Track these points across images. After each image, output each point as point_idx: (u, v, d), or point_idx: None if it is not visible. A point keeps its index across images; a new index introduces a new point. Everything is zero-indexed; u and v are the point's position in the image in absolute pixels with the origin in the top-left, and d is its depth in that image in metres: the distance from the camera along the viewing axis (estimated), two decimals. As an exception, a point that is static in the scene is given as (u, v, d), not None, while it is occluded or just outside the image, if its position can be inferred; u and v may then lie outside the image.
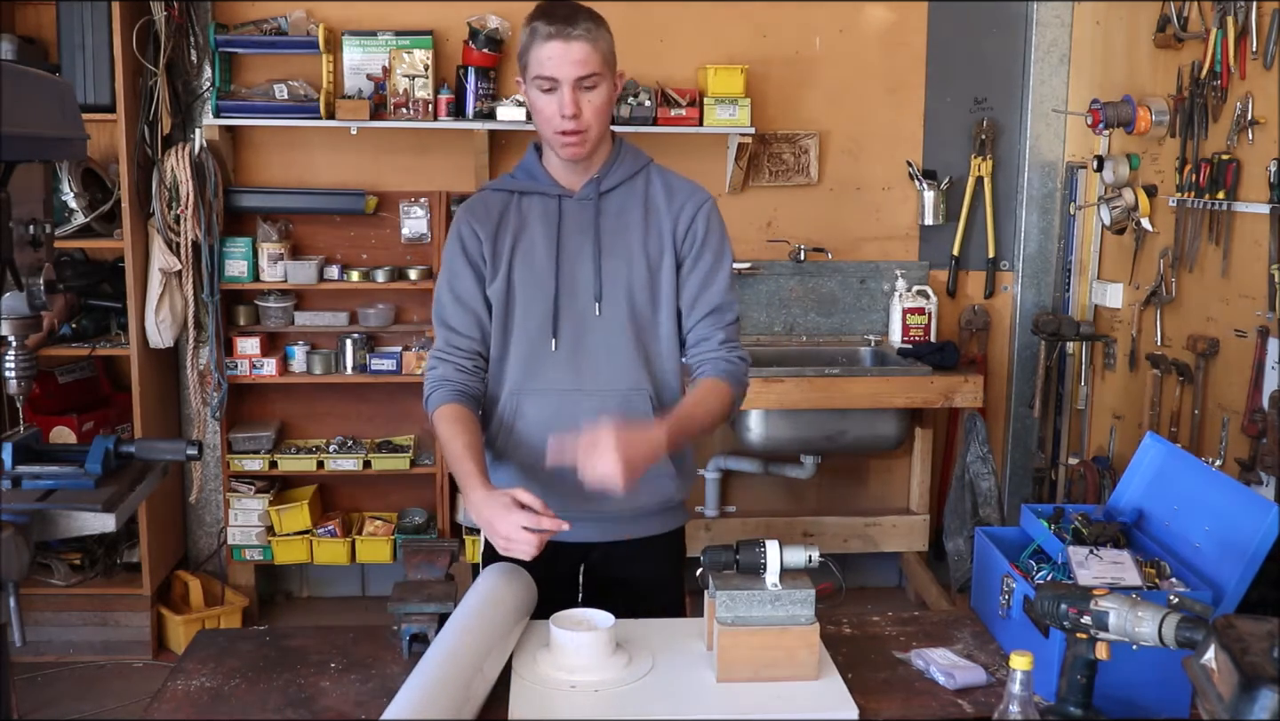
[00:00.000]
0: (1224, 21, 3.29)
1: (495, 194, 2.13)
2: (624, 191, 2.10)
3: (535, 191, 2.10)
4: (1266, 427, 3.10)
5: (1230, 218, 3.34)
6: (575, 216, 2.07)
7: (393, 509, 4.35)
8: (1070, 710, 1.59)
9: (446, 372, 2.08)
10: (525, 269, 2.06)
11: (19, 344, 1.55)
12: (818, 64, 4.30)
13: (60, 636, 3.92)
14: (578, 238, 2.06)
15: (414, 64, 3.99)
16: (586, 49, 1.96)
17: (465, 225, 2.10)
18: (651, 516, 2.15)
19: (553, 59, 1.95)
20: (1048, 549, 1.96)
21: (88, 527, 1.51)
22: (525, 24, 2.01)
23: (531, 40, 1.98)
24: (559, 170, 2.10)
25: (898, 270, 4.38)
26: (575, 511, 2.05)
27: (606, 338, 2.06)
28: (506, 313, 2.08)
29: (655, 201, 2.10)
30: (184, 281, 3.93)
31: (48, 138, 1.50)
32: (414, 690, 1.53)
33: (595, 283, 2.05)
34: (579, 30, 1.96)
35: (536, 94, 2.00)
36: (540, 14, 1.99)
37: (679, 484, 2.15)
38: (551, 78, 1.96)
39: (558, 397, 2.06)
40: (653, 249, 2.08)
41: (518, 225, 2.08)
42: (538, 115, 2.02)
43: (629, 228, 2.07)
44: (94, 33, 3.66)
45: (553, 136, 2.01)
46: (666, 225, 2.08)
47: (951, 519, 4.13)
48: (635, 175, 2.11)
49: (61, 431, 3.83)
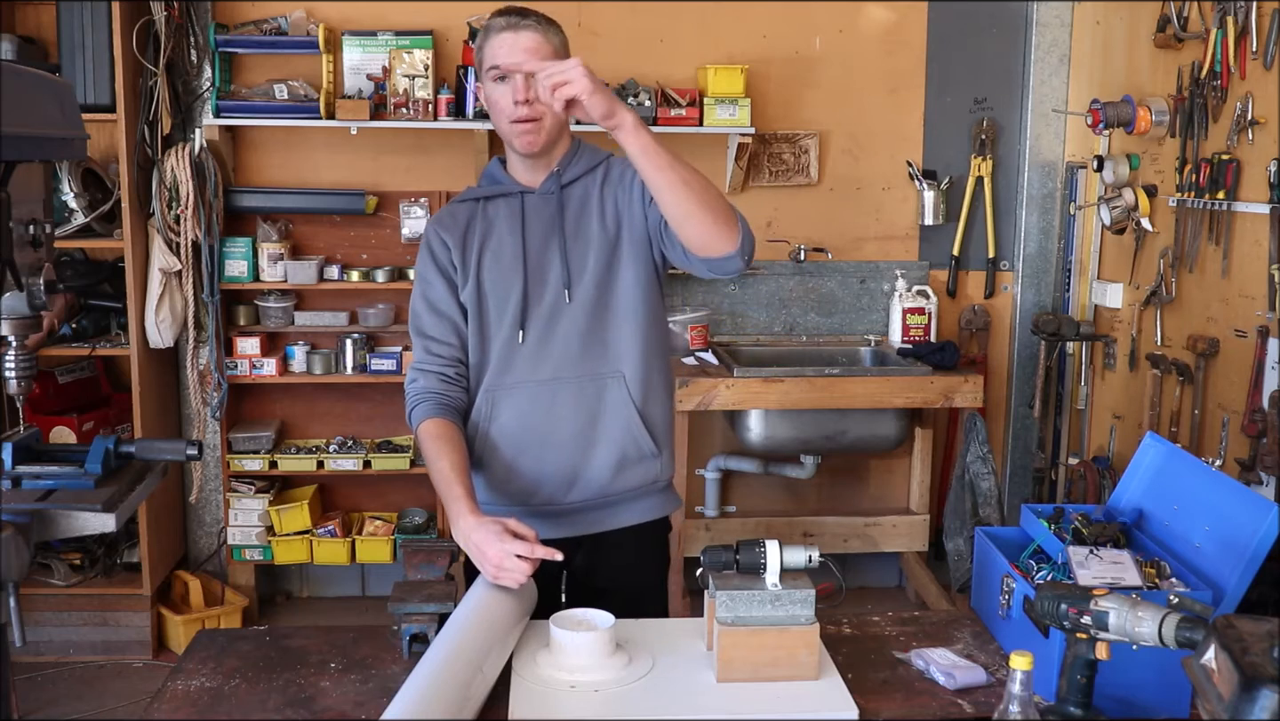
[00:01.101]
0: (1224, 21, 3.29)
1: (461, 205, 2.17)
2: (584, 183, 2.12)
3: (499, 194, 2.13)
4: (1266, 427, 3.10)
5: (1230, 218, 3.34)
6: (539, 211, 2.10)
7: (393, 509, 4.35)
8: (1070, 710, 1.59)
9: (429, 384, 2.09)
10: (494, 269, 2.08)
11: (19, 344, 1.55)
12: (818, 64, 4.30)
13: (60, 636, 3.92)
14: (542, 230, 2.09)
15: (414, 64, 3.99)
16: (537, 38, 2.01)
17: (434, 235, 2.13)
18: (636, 501, 2.14)
19: (504, 47, 2.01)
20: (1048, 549, 1.96)
21: (88, 527, 1.51)
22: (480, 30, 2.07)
23: (485, 37, 2.05)
24: (520, 171, 2.13)
25: (898, 270, 4.38)
26: (558, 503, 2.07)
27: (578, 323, 2.06)
28: (481, 315, 2.09)
29: (611, 179, 2.12)
30: (184, 281, 3.93)
31: (48, 138, 1.50)
32: (414, 690, 1.53)
33: (563, 270, 2.06)
34: (529, 21, 2.02)
35: (491, 87, 2.04)
36: (496, 15, 2.06)
37: (662, 465, 2.14)
38: (503, 65, 2.00)
39: (533, 389, 2.07)
40: (609, 221, 2.08)
41: (484, 229, 2.11)
42: (494, 110, 2.06)
43: (590, 214, 2.09)
44: (94, 33, 3.66)
45: (509, 128, 2.04)
46: (621, 193, 2.09)
47: (951, 519, 4.13)
48: (595, 168, 2.13)
49: (61, 431, 3.83)
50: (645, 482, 2.14)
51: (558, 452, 2.08)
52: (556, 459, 2.08)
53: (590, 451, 2.08)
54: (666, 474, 2.18)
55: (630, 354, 2.08)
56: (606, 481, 2.10)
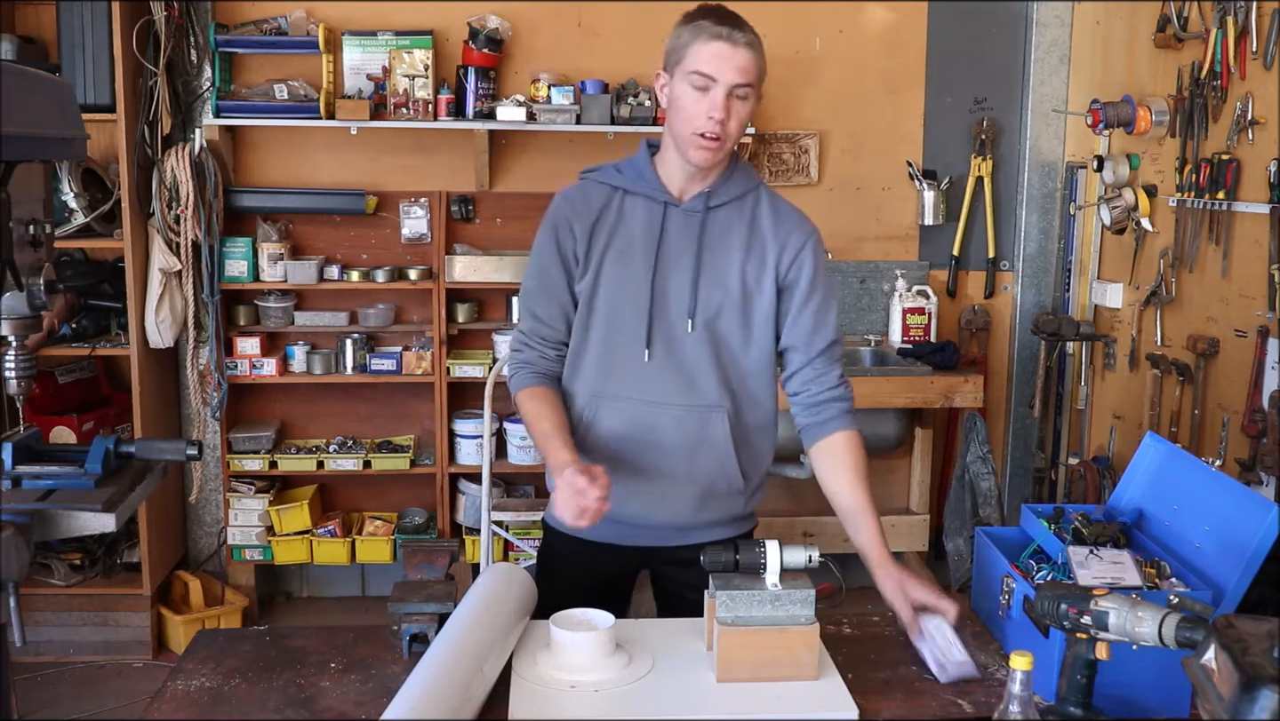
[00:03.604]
0: (1224, 21, 3.29)
1: (597, 186, 2.08)
2: (731, 209, 2.06)
3: (641, 192, 2.05)
4: (1266, 427, 3.10)
5: (1230, 218, 3.34)
6: (679, 226, 2.03)
7: (393, 509, 4.35)
8: (1070, 710, 1.59)
9: (530, 357, 2.09)
10: (618, 271, 2.03)
11: (19, 344, 1.55)
12: (818, 64, 4.30)
13: (60, 636, 3.92)
14: (678, 249, 2.02)
15: (414, 64, 3.99)
16: (751, 58, 1.95)
17: (562, 218, 2.06)
18: (714, 527, 2.14)
19: (716, 58, 1.92)
20: (1048, 549, 1.96)
21: (88, 527, 1.51)
22: (685, 21, 1.98)
23: (695, 36, 1.95)
24: (670, 175, 2.05)
25: (898, 270, 4.38)
26: (642, 519, 2.08)
27: (695, 354, 2.04)
28: (590, 310, 2.05)
29: (761, 225, 2.06)
30: (184, 281, 3.93)
31: (48, 138, 1.50)
32: (414, 690, 1.53)
33: (690, 299, 2.02)
34: (746, 37, 1.95)
35: (685, 89, 1.95)
36: (706, 14, 1.97)
37: (747, 499, 2.16)
38: (710, 76, 1.93)
39: (639, 407, 2.04)
40: (751, 274, 2.04)
41: (615, 223, 2.05)
42: (679, 112, 1.97)
43: (731, 248, 2.04)
44: (94, 33, 3.66)
45: (690, 137, 1.96)
46: (771, 253, 2.05)
47: (951, 519, 4.13)
48: (745, 195, 2.07)
49: (61, 431, 3.83)
50: (728, 516, 2.14)
51: (649, 475, 2.05)
52: (647, 481, 2.06)
53: (681, 481, 2.06)
54: (751, 506, 2.18)
55: (739, 392, 2.07)
56: (691, 512, 2.09)
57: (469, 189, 4.20)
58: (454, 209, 4.21)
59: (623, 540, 2.11)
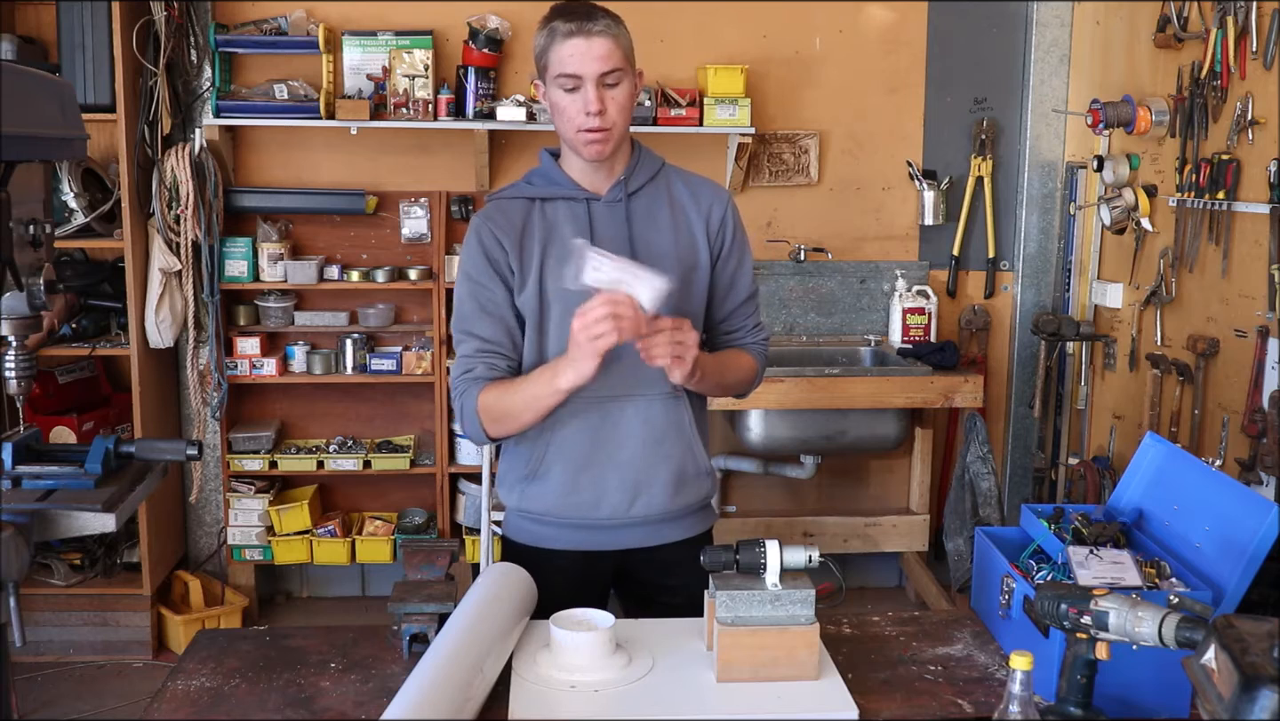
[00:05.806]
0: (1224, 21, 3.29)
1: (513, 201, 2.06)
2: (649, 192, 2.08)
3: (559, 196, 2.05)
4: (1266, 427, 3.10)
5: (1230, 218, 3.34)
6: (605, 220, 2.03)
7: (393, 509, 4.35)
8: (1070, 710, 1.59)
9: (481, 372, 2.01)
10: (560, 276, 1.99)
11: (19, 344, 1.55)
12: (818, 64, 4.30)
13: (60, 636, 3.92)
14: (611, 242, 2.00)
15: (414, 64, 3.99)
16: (609, 44, 1.95)
17: (487, 234, 2.03)
18: (690, 516, 2.15)
19: (575, 55, 1.93)
20: (1048, 549, 1.96)
21: (88, 527, 1.51)
22: (541, 25, 1.98)
23: (551, 40, 1.95)
24: (581, 174, 2.06)
25: (898, 270, 4.38)
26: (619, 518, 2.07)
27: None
28: (541, 320, 2.02)
29: (680, 201, 2.08)
30: (184, 281, 3.93)
31: (48, 138, 1.49)
32: (414, 690, 1.53)
33: None
34: (599, 26, 1.95)
35: (558, 94, 1.96)
36: (557, 13, 1.97)
37: (711, 481, 2.16)
38: (574, 75, 1.93)
39: (597, 405, 2.03)
40: (685, 251, 2.06)
41: (545, 232, 2.03)
42: (560, 116, 1.98)
43: (660, 229, 2.05)
44: (94, 33, 3.66)
45: (575, 136, 1.97)
46: (699, 226, 2.07)
47: (951, 519, 4.13)
48: (656, 176, 2.10)
49: (61, 431, 3.83)
50: (699, 500, 2.15)
51: (621, 469, 2.05)
52: (619, 476, 2.05)
53: (653, 469, 2.06)
54: (713, 491, 2.19)
55: None
56: (667, 500, 2.08)
57: (469, 189, 4.20)
58: (454, 209, 4.21)
59: (596, 546, 2.09)
